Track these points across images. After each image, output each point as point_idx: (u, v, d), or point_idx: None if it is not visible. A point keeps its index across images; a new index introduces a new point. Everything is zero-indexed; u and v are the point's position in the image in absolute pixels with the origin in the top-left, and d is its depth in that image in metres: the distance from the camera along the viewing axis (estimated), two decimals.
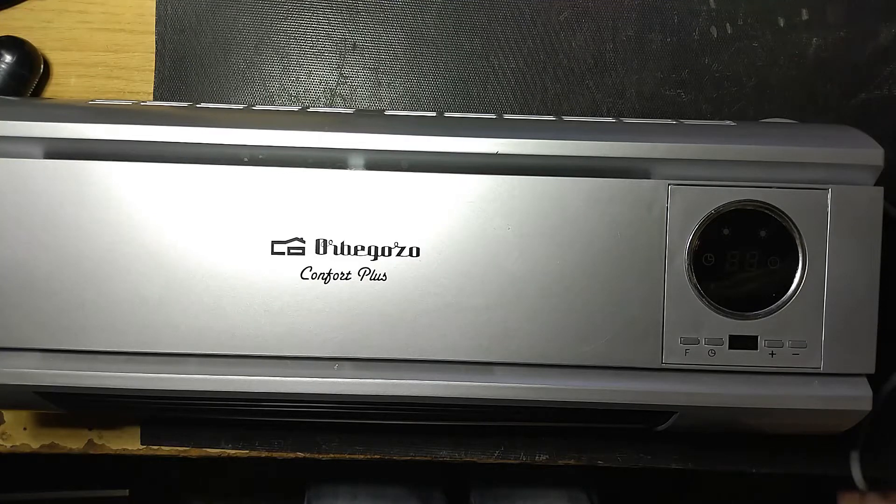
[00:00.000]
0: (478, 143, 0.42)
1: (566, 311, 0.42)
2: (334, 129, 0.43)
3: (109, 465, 1.11)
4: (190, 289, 0.42)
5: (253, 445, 0.56)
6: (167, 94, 0.55)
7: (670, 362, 0.43)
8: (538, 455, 0.55)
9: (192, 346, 0.42)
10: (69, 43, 0.55)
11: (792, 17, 0.55)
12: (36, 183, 0.42)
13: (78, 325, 0.42)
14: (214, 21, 0.55)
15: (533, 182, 0.42)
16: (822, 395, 0.43)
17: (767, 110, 0.55)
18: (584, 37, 0.55)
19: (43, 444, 0.56)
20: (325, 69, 0.56)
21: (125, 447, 0.56)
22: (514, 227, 0.42)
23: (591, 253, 0.42)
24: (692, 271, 0.43)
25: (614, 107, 0.55)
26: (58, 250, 0.42)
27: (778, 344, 0.43)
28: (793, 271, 0.43)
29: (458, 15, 0.55)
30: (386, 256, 0.42)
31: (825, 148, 0.42)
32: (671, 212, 0.42)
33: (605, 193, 0.42)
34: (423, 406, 0.44)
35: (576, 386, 0.43)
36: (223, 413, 0.49)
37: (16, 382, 0.43)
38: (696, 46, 0.55)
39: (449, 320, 0.42)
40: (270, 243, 0.42)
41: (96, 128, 0.42)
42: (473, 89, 0.55)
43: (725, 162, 0.42)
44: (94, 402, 0.46)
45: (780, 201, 0.42)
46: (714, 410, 0.44)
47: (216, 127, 0.42)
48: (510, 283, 0.42)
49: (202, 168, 0.42)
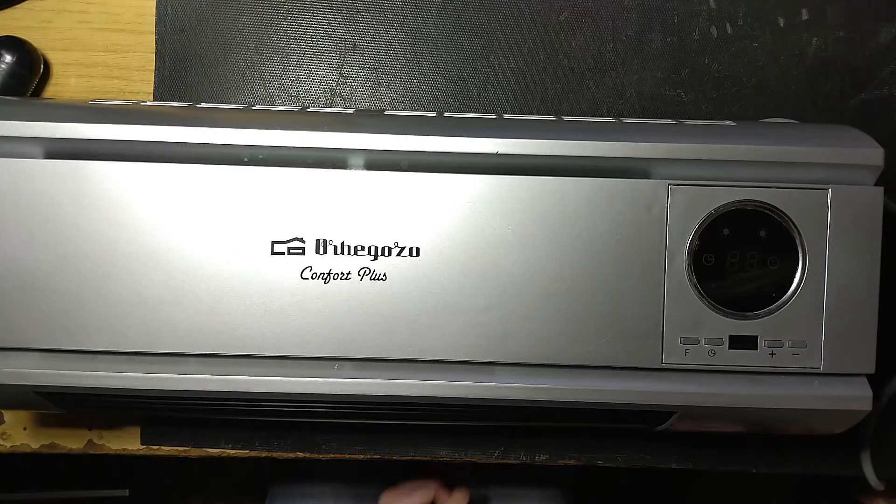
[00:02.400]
0: (478, 143, 0.42)
1: (566, 311, 0.42)
2: (334, 129, 0.43)
3: (109, 465, 1.11)
4: (190, 289, 0.42)
5: (253, 445, 0.56)
6: (167, 94, 0.55)
7: (670, 362, 0.43)
8: (538, 455, 0.55)
9: (192, 346, 0.42)
10: (69, 43, 0.55)
11: (792, 17, 0.55)
12: (36, 183, 0.42)
13: (78, 325, 0.42)
14: (214, 21, 0.55)
15: (533, 182, 0.42)
16: (822, 395, 0.43)
17: (767, 110, 0.55)
18: (584, 37, 0.55)
19: (43, 444, 0.56)
20: (325, 69, 0.56)
21: (125, 447, 0.56)
22: (514, 227, 0.42)
23: (591, 253, 0.42)
24: (692, 271, 0.43)
25: (614, 107, 0.55)
26: (58, 250, 0.42)
27: (778, 344, 0.43)
28: (793, 271, 0.43)
29: (458, 15, 0.55)
30: (386, 256, 0.42)
31: (825, 148, 0.42)
32: (671, 212, 0.42)
33: (605, 193, 0.42)
34: (423, 406, 0.44)
35: (576, 386, 0.43)
36: (223, 413, 0.49)
37: (16, 382, 0.43)
38: (696, 46, 0.55)
39: (449, 320, 0.42)
40: (270, 243, 0.42)
41: (96, 128, 0.42)
42: (473, 89, 0.55)
43: (725, 162, 0.42)
44: (94, 402, 0.46)
45: (780, 201, 0.42)
46: (714, 410, 0.44)
47: (216, 127, 0.42)
48: (510, 283, 0.42)
49: (202, 168, 0.42)
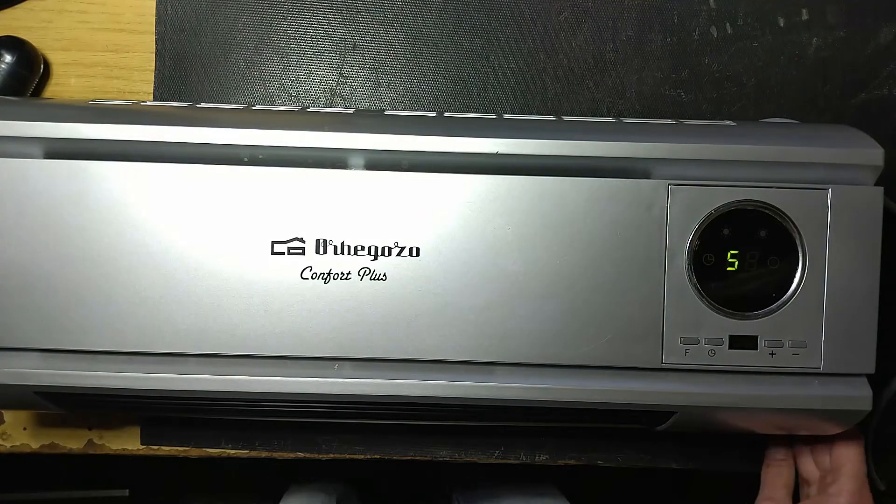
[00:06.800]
0: (478, 143, 0.42)
1: (566, 311, 0.42)
2: (334, 129, 0.43)
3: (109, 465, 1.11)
4: (190, 289, 0.42)
5: (253, 445, 0.56)
6: (167, 94, 0.55)
7: (670, 362, 0.43)
8: (538, 455, 0.55)
9: (192, 346, 0.42)
10: (69, 43, 0.55)
11: (792, 17, 0.55)
12: (36, 183, 0.42)
13: (78, 325, 0.42)
14: (214, 21, 0.55)
15: (533, 182, 0.42)
16: (822, 395, 0.43)
17: (767, 110, 0.55)
18: (584, 37, 0.55)
19: (43, 444, 0.56)
20: (325, 69, 0.56)
21: (125, 447, 0.56)
22: (514, 227, 0.42)
23: (591, 253, 0.42)
24: (692, 271, 0.43)
25: (614, 107, 0.55)
26: (58, 250, 0.42)
27: (778, 344, 0.43)
28: (793, 271, 0.43)
29: (458, 15, 0.55)
30: (386, 256, 0.42)
31: (825, 148, 0.42)
32: (671, 212, 0.42)
33: (605, 193, 0.42)
34: (423, 406, 0.44)
35: (576, 386, 0.43)
36: (223, 413, 0.49)
37: (16, 382, 0.43)
38: (696, 46, 0.55)
39: (449, 320, 0.42)
40: (270, 243, 0.42)
41: (96, 128, 0.42)
42: (473, 89, 0.55)
43: (725, 162, 0.42)
44: (94, 402, 0.46)
45: (780, 201, 0.42)
46: (714, 410, 0.44)
47: (216, 127, 0.42)
48: (510, 283, 0.42)
49: (202, 168, 0.42)
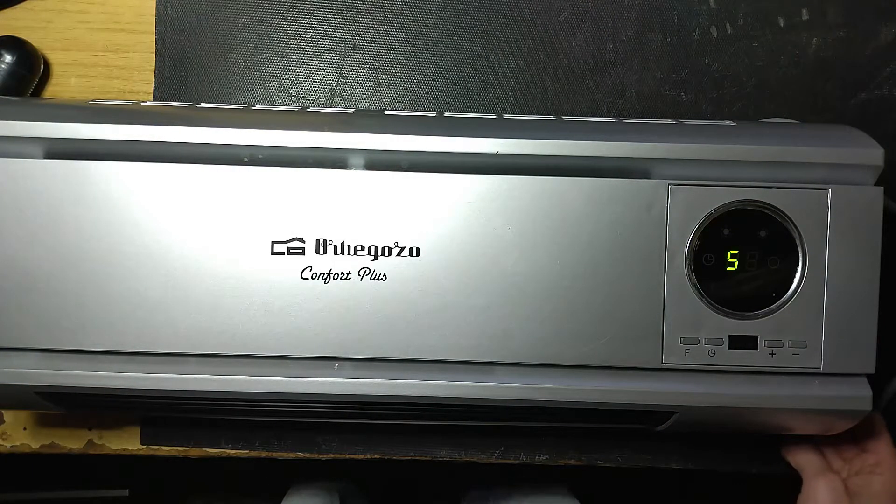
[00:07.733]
0: (478, 143, 0.42)
1: (566, 311, 0.42)
2: (334, 129, 0.43)
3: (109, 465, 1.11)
4: (190, 289, 0.42)
5: (253, 445, 0.56)
6: (167, 94, 0.55)
7: (670, 362, 0.43)
8: (538, 455, 0.55)
9: (192, 346, 0.42)
10: (69, 43, 0.55)
11: (792, 17, 0.55)
12: (36, 183, 0.42)
13: (78, 325, 0.42)
14: (214, 21, 0.55)
15: (533, 182, 0.42)
16: (822, 395, 0.43)
17: (767, 110, 0.55)
18: (584, 37, 0.55)
19: (43, 444, 0.56)
20: (325, 69, 0.56)
21: (125, 447, 0.56)
22: (514, 227, 0.42)
23: (591, 253, 0.42)
24: (692, 271, 0.43)
25: (614, 107, 0.55)
26: (58, 250, 0.42)
27: (778, 344, 0.43)
28: (793, 271, 0.43)
29: (458, 15, 0.55)
30: (386, 256, 0.42)
31: (825, 148, 0.42)
32: (671, 212, 0.42)
33: (605, 193, 0.42)
34: (424, 406, 0.44)
35: (576, 386, 0.43)
36: (223, 413, 0.49)
37: (16, 382, 0.43)
38: (696, 46, 0.55)
39: (449, 320, 0.42)
40: (270, 243, 0.42)
41: (96, 128, 0.42)
42: (473, 89, 0.55)
43: (725, 162, 0.42)
44: (94, 402, 0.46)
45: (780, 201, 0.42)
46: (714, 410, 0.44)
47: (216, 127, 0.42)
48: (510, 283, 0.42)
49: (202, 168, 0.42)
